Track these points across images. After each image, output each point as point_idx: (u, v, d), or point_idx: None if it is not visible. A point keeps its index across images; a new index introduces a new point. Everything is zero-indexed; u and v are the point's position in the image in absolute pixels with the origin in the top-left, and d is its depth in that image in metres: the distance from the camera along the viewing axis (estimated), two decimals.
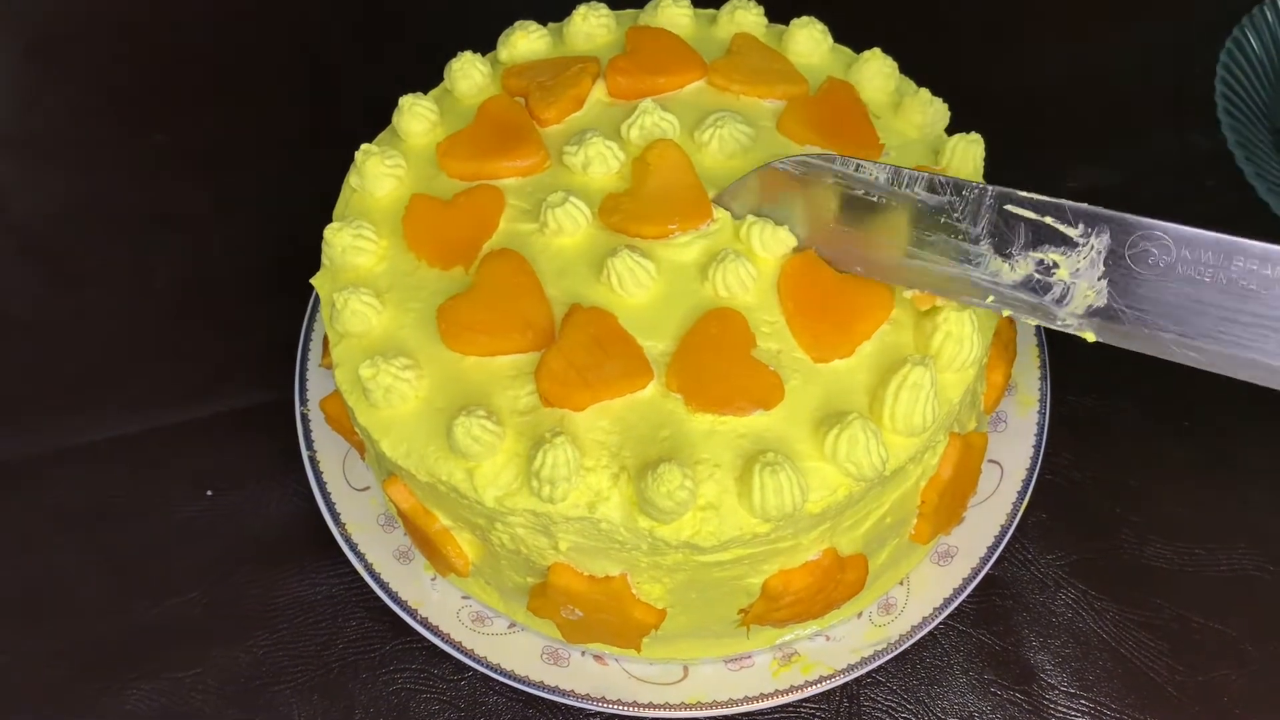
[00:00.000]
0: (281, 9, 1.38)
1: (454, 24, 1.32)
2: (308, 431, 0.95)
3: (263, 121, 1.27)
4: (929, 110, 0.90)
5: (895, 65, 0.93)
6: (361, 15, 1.37)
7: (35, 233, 1.18)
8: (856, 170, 0.77)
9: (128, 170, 1.23)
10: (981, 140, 0.86)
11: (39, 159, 1.25)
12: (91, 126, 1.28)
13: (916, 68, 0.94)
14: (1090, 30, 1.32)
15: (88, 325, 1.10)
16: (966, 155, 0.85)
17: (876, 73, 0.92)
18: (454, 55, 0.93)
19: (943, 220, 0.74)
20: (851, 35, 0.97)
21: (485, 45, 0.96)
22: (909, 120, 0.90)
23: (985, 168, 0.86)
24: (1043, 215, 0.71)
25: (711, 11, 0.98)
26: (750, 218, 0.80)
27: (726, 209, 0.82)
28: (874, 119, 0.90)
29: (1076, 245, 0.70)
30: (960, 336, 0.75)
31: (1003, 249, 0.72)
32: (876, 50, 0.93)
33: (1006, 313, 0.73)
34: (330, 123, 1.22)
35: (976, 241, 0.73)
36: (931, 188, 0.74)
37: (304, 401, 0.96)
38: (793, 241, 0.79)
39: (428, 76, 0.94)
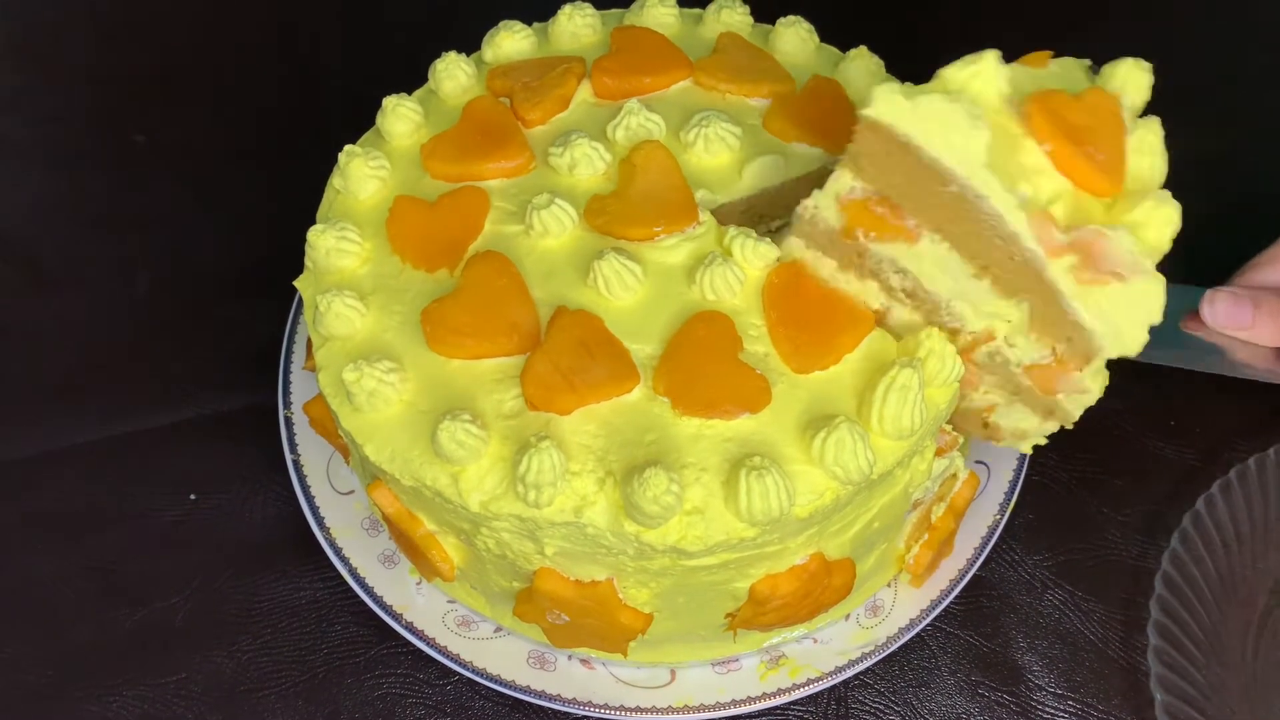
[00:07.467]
0: (264, 9, 1.36)
1: (438, 24, 1.31)
2: (291, 435, 0.94)
3: (245, 122, 1.26)
4: None
5: (881, 63, 0.93)
6: (345, 15, 1.36)
7: (13, 234, 1.16)
8: None
9: (108, 171, 1.22)
10: None
11: (17, 159, 1.23)
12: (71, 127, 1.26)
13: (901, 70, 0.94)
14: (1069, 32, 1.32)
15: (68, 328, 1.09)
16: None
17: (863, 70, 0.92)
18: (438, 55, 0.92)
19: None
20: (837, 37, 0.96)
21: (470, 45, 0.95)
22: None
23: None
24: None
25: (697, 11, 0.98)
26: (732, 229, 0.79)
27: None
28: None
29: None
30: (943, 354, 0.74)
31: None
32: (863, 49, 0.93)
33: None
34: (314, 123, 1.20)
35: None
36: None
37: (288, 405, 0.95)
38: (774, 254, 0.79)
39: (412, 77, 0.93)
